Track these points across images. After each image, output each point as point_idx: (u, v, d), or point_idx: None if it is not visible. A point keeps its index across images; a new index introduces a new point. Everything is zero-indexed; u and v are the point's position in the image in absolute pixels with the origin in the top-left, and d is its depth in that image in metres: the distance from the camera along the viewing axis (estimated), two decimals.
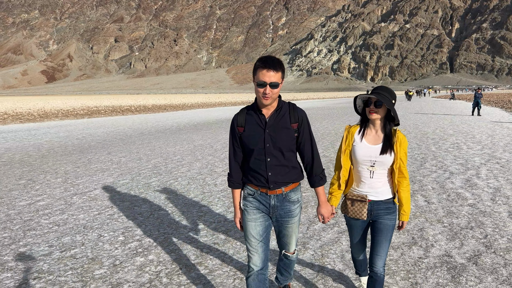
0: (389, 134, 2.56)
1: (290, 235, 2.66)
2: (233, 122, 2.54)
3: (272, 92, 2.35)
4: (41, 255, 4.07)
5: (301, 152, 2.57)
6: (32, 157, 10.46)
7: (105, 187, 6.93)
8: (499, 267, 3.63)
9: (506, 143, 11.57)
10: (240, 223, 2.60)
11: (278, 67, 2.36)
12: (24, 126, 21.04)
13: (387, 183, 2.64)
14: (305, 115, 2.54)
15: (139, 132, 16.80)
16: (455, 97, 58.88)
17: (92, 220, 5.16)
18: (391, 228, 2.64)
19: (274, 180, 2.48)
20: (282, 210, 2.55)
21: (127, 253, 4.09)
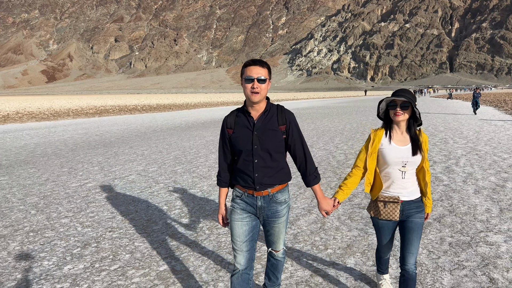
0: (414, 134, 2.65)
1: (277, 234, 2.70)
2: (223, 124, 2.61)
3: (260, 87, 2.42)
4: (107, 218, 5.30)
5: (293, 154, 2.63)
6: (63, 151, 11.67)
7: (138, 173, 8.15)
8: (456, 223, 4.86)
9: (489, 138, 12.79)
10: (223, 219, 2.69)
11: (264, 64, 2.47)
12: (41, 124, 22.26)
13: (415, 182, 2.72)
14: (293, 117, 2.60)
15: (151, 130, 18.01)
16: (452, 97, 60.11)
17: (137, 196, 6.38)
18: (421, 225, 2.72)
19: (260, 182, 2.53)
20: (269, 211, 2.60)
21: (173, 216, 5.32)
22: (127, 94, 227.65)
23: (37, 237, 4.61)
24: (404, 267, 2.72)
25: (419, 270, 3.62)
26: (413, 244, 2.71)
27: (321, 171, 8.08)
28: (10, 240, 4.53)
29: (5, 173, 8.42)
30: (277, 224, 2.65)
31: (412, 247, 2.71)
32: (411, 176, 2.68)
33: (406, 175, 2.66)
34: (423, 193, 2.75)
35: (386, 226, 2.78)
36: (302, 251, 4.13)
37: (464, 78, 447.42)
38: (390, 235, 2.83)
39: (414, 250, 2.71)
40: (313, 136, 14.29)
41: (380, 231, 2.82)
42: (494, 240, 4.31)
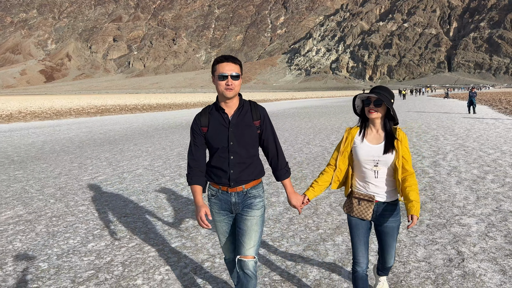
0: (389, 132, 2.60)
1: (249, 232, 2.54)
2: (195, 122, 2.57)
3: (234, 84, 2.42)
4: (120, 206, 5.83)
5: (265, 148, 2.64)
6: (70, 148, 12.20)
7: (145, 168, 8.69)
8: (435, 209, 5.41)
9: (479, 135, 13.35)
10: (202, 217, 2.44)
11: (236, 60, 2.48)
12: (45, 123, 22.76)
13: (392, 183, 2.65)
14: (266, 112, 2.63)
15: (153, 128, 18.53)
16: (449, 96, 60.72)
17: (146, 188, 6.92)
18: (397, 228, 2.71)
19: (235, 178, 2.53)
20: (243, 205, 2.59)
21: (181, 204, 5.85)
22: (126, 94, 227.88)
23: (60, 221, 5.14)
24: (385, 266, 2.86)
25: (397, 245, 4.17)
26: (390, 247, 2.75)
27: (316, 165, 8.62)
28: (36, 224, 5.07)
29: (19, 168, 8.95)
30: (250, 216, 2.56)
31: (390, 249, 2.75)
32: (385, 176, 2.62)
33: (379, 175, 2.60)
34: (399, 197, 2.70)
35: (360, 224, 2.69)
36: (296, 231, 4.68)
37: (462, 77, 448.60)
38: (364, 236, 2.68)
39: (393, 251, 2.77)
40: (310, 133, 14.84)
41: (353, 230, 2.70)
42: (467, 222, 4.87)
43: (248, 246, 2.53)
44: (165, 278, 3.55)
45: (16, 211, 5.63)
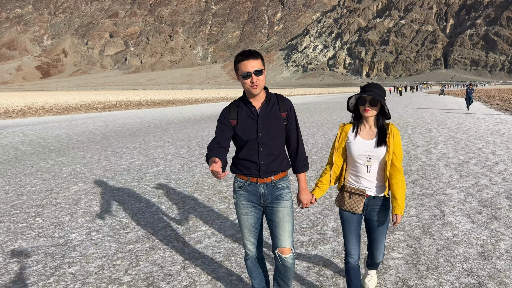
0: (382, 127, 2.67)
1: (282, 223, 2.64)
2: (224, 115, 2.62)
3: (259, 79, 2.46)
4: (163, 183, 7.01)
5: (287, 140, 2.70)
6: (96, 139, 13.34)
7: (173, 155, 9.86)
8: (425, 184, 6.63)
9: (469, 128, 14.61)
10: (214, 167, 2.19)
11: (256, 55, 2.50)
12: (59, 117, 23.84)
13: (383, 178, 2.72)
14: (291, 103, 2.69)
15: (165, 122, 19.67)
16: (444, 92, 62.11)
17: (181, 169, 8.10)
18: (387, 223, 2.78)
19: (265, 169, 2.60)
20: (272, 197, 2.64)
21: (215, 180, 7.04)
22: (123, 90, 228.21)
23: (120, 193, 6.32)
24: (374, 261, 2.96)
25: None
26: (379, 241, 2.82)
27: (323, 153, 9.83)
28: (103, 195, 6.24)
29: (60, 155, 10.09)
30: (281, 207, 2.64)
31: (379, 244, 2.83)
32: (377, 171, 2.69)
33: (371, 170, 2.68)
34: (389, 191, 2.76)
35: (351, 218, 2.76)
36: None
37: (458, 74, 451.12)
38: (355, 229, 2.77)
39: (381, 246, 2.83)
40: (313, 127, 16.05)
41: (344, 223, 2.79)
42: (450, 192, 6.09)
43: (284, 238, 2.62)
44: (221, 227, 4.75)
45: (80, 186, 6.81)
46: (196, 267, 3.72)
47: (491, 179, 6.88)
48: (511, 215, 5.00)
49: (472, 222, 4.78)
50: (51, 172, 8.03)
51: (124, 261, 3.85)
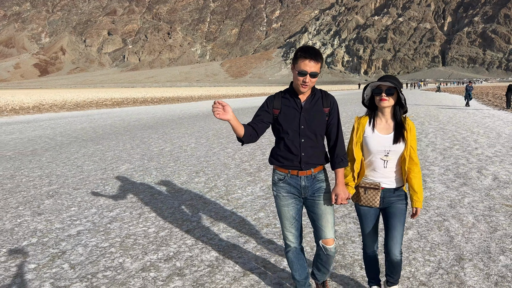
0: (400, 122, 2.60)
1: (325, 215, 2.70)
2: (268, 103, 2.69)
3: (311, 81, 2.53)
4: (195, 163, 8.39)
5: (327, 135, 2.72)
6: (119, 131, 14.69)
7: (196, 143, 11.23)
8: None
9: (458, 121, 16.03)
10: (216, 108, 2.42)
11: (319, 58, 2.54)
12: (75, 113, 25.18)
13: (399, 171, 2.66)
14: (335, 100, 2.72)
15: (176, 117, 21.02)
16: (440, 90, 63.57)
17: (206, 153, 9.48)
18: (404, 211, 2.70)
19: (306, 161, 2.64)
20: (312, 189, 2.70)
21: (238, 161, 8.42)
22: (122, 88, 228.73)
23: (164, 171, 7.70)
24: (390, 256, 2.73)
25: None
26: (396, 230, 2.69)
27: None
28: (150, 172, 7.61)
29: (95, 144, 11.46)
30: (322, 200, 2.70)
31: (395, 232, 2.68)
32: (393, 166, 2.65)
33: (388, 164, 2.64)
34: (404, 183, 2.72)
35: (368, 213, 2.76)
36: None
37: (456, 71, 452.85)
38: (373, 223, 2.78)
39: (398, 237, 2.68)
40: None
41: (362, 218, 2.80)
42: (433, 168, 7.49)
43: (327, 229, 2.71)
44: (253, 191, 6.15)
45: (127, 166, 8.19)
46: (240, 214, 5.12)
47: (469, 159, 8.30)
48: (477, 183, 6.42)
49: (447, 187, 6.19)
50: (96, 156, 9.40)
51: (186, 210, 5.24)
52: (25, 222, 4.85)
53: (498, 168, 7.45)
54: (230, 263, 3.69)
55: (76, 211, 5.27)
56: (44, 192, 6.22)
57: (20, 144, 11.69)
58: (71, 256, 3.87)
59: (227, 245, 4.11)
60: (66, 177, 7.24)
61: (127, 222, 4.81)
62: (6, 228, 4.66)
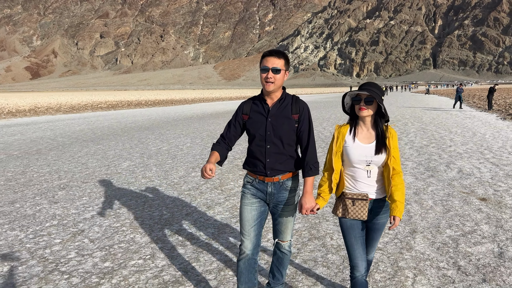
0: (381, 132, 2.52)
1: (285, 223, 2.75)
2: (240, 108, 2.75)
3: (275, 77, 2.53)
4: (192, 160, 9.11)
5: (298, 141, 2.70)
6: (117, 132, 15.35)
7: (191, 143, 11.95)
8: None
9: (439, 122, 16.92)
10: (208, 169, 2.48)
11: (281, 55, 2.58)
12: (71, 116, 25.73)
13: (382, 180, 2.58)
14: (306, 107, 2.69)
15: (172, 119, 21.70)
16: (429, 92, 64.88)
17: (201, 152, 10.21)
18: (385, 224, 2.68)
19: (271, 167, 2.63)
20: (278, 198, 2.69)
21: (231, 159, 9.16)
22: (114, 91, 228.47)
23: (163, 165, 8.41)
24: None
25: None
26: (376, 241, 2.72)
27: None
28: (150, 168, 8.32)
29: (96, 144, 12.12)
30: (286, 211, 2.72)
31: (375, 243, 2.73)
32: (377, 175, 2.56)
33: (371, 174, 2.54)
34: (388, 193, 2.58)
35: (356, 225, 2.60)
36: None
37: (447, 74, 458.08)
38: (360, 237, 2.62)
39: (376, 245, 2.77)
40: None
41: (349, 232, 2.61)
42: (407, 163, 8.29)
43: (285, 234, 2.82)
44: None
45: (128, 163, 8.89)
46: (232, 200, 5.85)
47: (441, 155, 9.12)
48: (443, 175, 7.23)
49: (416, 178, 6.99)
50: (98, 155, 10.08)
51: (185, 199, 5.97)
52: (44, 209, 5.55)
53: (464, 162, 8.27)
54: (224, 237, 4.43)
55: (87, 200, 5.97)
56: (55, 185, 6.91)
57: (24, 144, 12.32)
58: (89, 233, 4.58)
59: (221, 224, 4.84)
60: (74, 172, 7.93)
61: (134, 208, 5.53)
62: (28, 213, 5.35)
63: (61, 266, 3.74)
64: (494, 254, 3.88)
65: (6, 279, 3.49)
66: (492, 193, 5.98)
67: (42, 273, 3.60)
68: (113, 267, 3.70)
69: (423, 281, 3.37)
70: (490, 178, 6.94)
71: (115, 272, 3.60)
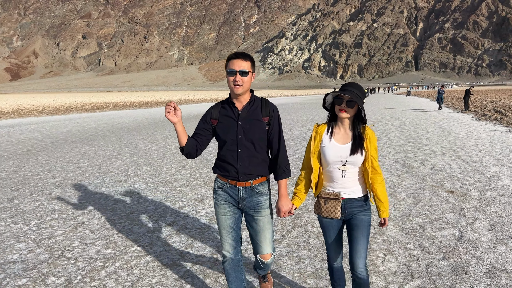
0: (358, 134, 2.52)
1: (262, 231, 2.69)
2: (208, 113, 2.67)
3: (243, 80, 2.50)
4: (182, 159, 9.47)
5: (269, 144, 2.69)
6: (105, 133, 15.56)
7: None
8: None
9: (418, 123, 17.63)
10: (169, 107, 2.50)
11: (247, 57, 2.54)
12: (56, 117, 25.68)
13: (359, 181, 2.58)
14: (276, 109, 2.67)
15: (158, 120, 21.92)
16: (411, 93, 66.40)
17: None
18: (367, 224, 2.60)
19: (243, 172, 2.60)
20: (251, 202, 2.66)
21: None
22: (98, 92, 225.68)
23: (153, 164, 8.75)
24: (355, 272, 2.62)
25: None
26: (359, 243, 2.60)
27: (299, 141, 12.48)
28: (141, 167, 8.65)
29: (85, 145, 12.34)
30: (260, 216, 2.67)
31: (358, 246, 2.60)
32: (352, 176, 2.56)
33: (346, 174, 2.54)
34: (369, 194, 2.63)
35: (330, 225, 2.67)
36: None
37: (428, 76, 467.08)
38: (335, 235, 2.69)
39: (362, 250, 2.60)
40: (290, 123, 18.75)
41: (325, 230, 2.71)
42: (384, 160, 8.83)
43: (265, 245, 2.72)
44: None
45: (120, 162, 9.20)
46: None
47: (416, 153, 9.71)
48: (417, 171, 7.78)
49: (391, 174, 7.52)
50: (89, 155, 10.35)
51: (176, 194, 6.35)
52: (43, 204, 5.86)
53: (438, 160, 8.87)
54: (216, 227, 4.83)
55: (83, 196, 6.29)
56: (50, 183, 7.19)
57: (12, 145, 12.46)
58: (89, 225, 4.93)
59: (212, 216, 5.24)
60: (67, 172, 8.21)
61: (129, 203, 5.89)
62: (28, 209, 5.65)
63: (67, 253, 4.10)
64: (455, 237, 4.39)
65: (18, 265, 3.83)
66: (459, 186, 6.54)
67: (50, 259, 3.96)
68: (115, 253, 4.08)
69: (391, 259, 3.85)
70: (459, 173, 7.52)
71: (117, 257, 3.97)
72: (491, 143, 11.33)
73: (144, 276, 3.59)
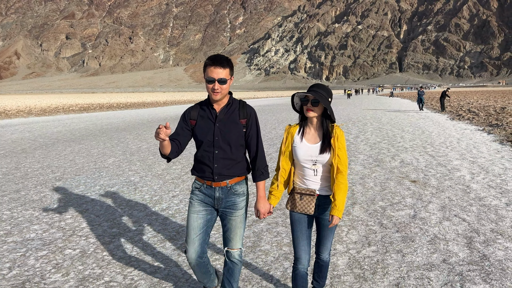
0: (326, 132, 2.60)
1: (234, 230, 2.73)
2: (186, 113, 2.70)
3: (221, 88, 2.52)
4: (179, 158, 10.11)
5: (247, 147, 2.73)
6: (95, 133, 16.06)
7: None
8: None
9: (396, 122, 18.58)
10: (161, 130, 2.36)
11: (225, 64, 2.53)
12: (44, 118, 25.94)
13: (329, 179, 2.67)
14: (254, 111, 2.71)
15: (146, 120, 22.44)
16: (393, 95, 68.01)
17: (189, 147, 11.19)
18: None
19: (218, 172, 2.62)
20: (227, 203, 2.69)
21: None
22: (82, 93, 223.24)
23: (146, 160, 9.38)
24: (319, 259, 2.86)
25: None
26: (327, 239, 2.76)
27: (280, 139, 13.23)
28: (134, 163, 9.27)
29: (78, 144, 12.86)
30: (234, 217, 2.71)
31: (326, 241, 2.77)
32: (324, 173, 2.65)
33: (318, 172, 2.63)
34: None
35: (302, 219, 2.72)
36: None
37: (412, 77, 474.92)
38: (306, 231, 2.73)
39: (329, 244, 2.78)
40: (275, 123, 19.51)
41: (296, 225, 2.73)
42: (359, 156, 9.64)
43: (235, 241, 2.76)
44: None
45: (113, 159, 9.79)
46: None
47: (389, 150, 10.56)
48: (387, 165, 8.60)
49: (364, 167, 8.32)
50: (83, 153, 10.91)
51: (170, 186, 7.02)
52: (48, 195, 6.46)
53: (407, 155, 9.72)
54: None
55: (84, 188, 6.91)
56: (51, 178, 7.78)
57: (6, 145, 12.90)
58: (93, 211, 5.57)
59: None
60: (64, 167, 8.78)
61: (127, 193, 6.54)
62: (34, 199, 6.25)
63: (78, 232, 4.75)
64: (410, 216, 5.19)
65: (36, 241, 4.47)
66: (422, 177, 7.37)
67: (63, 236, 4.60)
68: (119, 232, 4.74)
69: (354, 232, 4.62)
70: (424, 166, 8.36)
71: (122, 235, 4.64)
72: (458, 140, 12.28)
73: (147, 248, 4.27)
